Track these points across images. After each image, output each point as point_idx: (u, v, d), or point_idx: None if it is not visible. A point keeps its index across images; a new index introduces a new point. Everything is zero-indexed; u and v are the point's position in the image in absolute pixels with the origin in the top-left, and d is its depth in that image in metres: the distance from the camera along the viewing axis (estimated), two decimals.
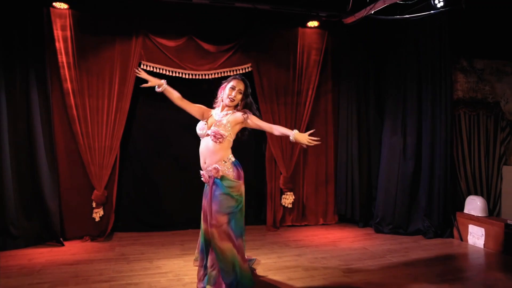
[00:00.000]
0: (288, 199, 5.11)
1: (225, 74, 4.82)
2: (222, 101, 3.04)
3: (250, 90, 3.08)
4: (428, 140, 4.70)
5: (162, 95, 4.94)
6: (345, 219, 5.41)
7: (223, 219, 2.85)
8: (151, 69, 4.59)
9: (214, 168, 2.86)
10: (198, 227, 4.93)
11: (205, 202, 3.03)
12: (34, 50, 4.24)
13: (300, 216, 5.29)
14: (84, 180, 4.50)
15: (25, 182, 4.26)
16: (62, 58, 4.32)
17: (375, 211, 5.11)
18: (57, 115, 4.42)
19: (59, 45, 4.30)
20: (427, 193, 4.72)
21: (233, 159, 2.95)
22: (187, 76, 4.70)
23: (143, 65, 4.57)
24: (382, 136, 5.14)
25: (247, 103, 3.03)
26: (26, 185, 4.26)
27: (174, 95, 2.99)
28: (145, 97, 4.90)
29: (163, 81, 2.97)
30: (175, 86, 4.83)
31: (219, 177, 2.87)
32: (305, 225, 5.29)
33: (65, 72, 4.33)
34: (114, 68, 4.49)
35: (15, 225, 4.17)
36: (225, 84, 3.07)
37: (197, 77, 4.74)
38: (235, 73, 4.86)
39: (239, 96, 2.99)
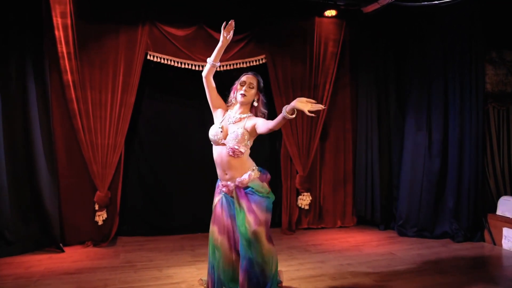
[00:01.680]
0: (305, 200, 4.77)
1: (238, 66, 4.49)
2: (236, 100, 2.73)
3: (263, 85, 2.75)
4: (456, 136, 4.38)
5: (169, 88, 4.67)
6: (364, 221, 5.07)
7: (268, 216, 2.63)
8: (158, 60, 4.25)
9: (244, 179, 2.61)
10: (209, 230, 4.68)
11: (221, 212, 2.72)
12: (31, 39, 3.89)
13: (317, 218, 4.96)
14: (86, 180, 4.15)
15: (21, 182, 3.91)
16: (62, 48, 3.95)
17: (398, 212, 4.79)
18: (56, 109, 4.06)
19: (59, 33, 3.93)
20: (455, 193, 4.39)
21: (256, 166, 2.72)
22: (196, 68, 4.36)
23: (150, 55, 4.23)
24: (405, 132, 4.81)
25: (263, 101, 2.74)
26: (22, 185, 3.92)
27: (212, 74, 2.72)
28: (151, 90, 4.58)
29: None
30: (183, 78, 4.59)
31: (248, 184, 2.61)
32: (322, 228, 4.96)
33: (65, 63, 3.97)
34: (118, 58, 4.14)
35: (11, 229, 3.81)
36: (236, 82, 2.78)
37: None
38: (248, 65, 4.53)
39: (252, 91, 2.67)
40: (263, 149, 4.84)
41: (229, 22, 2.55)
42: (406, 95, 4.86)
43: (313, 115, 2.23)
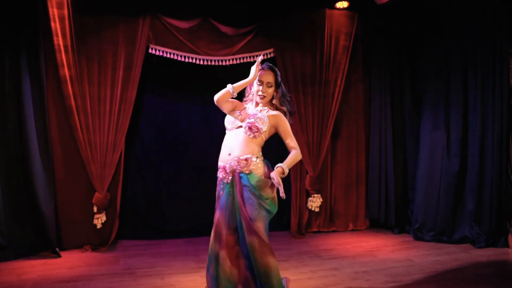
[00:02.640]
0: (315, 202, 4.52)
1: (244, 61, 4.26)
2: (254, 99, 2.54)
3: (280, 78, 2.54)
4: (477, 134, 4.11)
5: (172, 83, 4.44)
6: (377, 224, 4.81)
7: (261, 225, 2.32)
8: (161, 53, 4.02)
9: (245, 159, 2.33)
10: None
11: (217, 203, 2.46)
12: (26, 31, 3.67)
13: (328, 221, 4.71)
14: (84, 181, 3.93)
15: (15, 183, 3.70)
16: (59, 41, 3.72)
17: (414, 215, 4.52)
18: (52, 106, 3.84)
19: (55, 25, 3.71)
20: (476, 195, 4.12)
21: (262, 157, 2.45)
22: (201, 62, 4.12)
23: (151, 49, 3.99)
24: (421, 131, 4.55)
25: (281, 96, 2.50)
26: (16, 186, 3.70)
27: (225, 100, 2.48)
28: (153, 85, 4.35)
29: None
30: (187, 73, 4.35)
31: (247, 172, 2.32)
32: (333, 231, 4.71)
33: (62, 57, 3.74)
34: (118, 52, 3.90)
35: (4, 233, 3.60)
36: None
37: (212, 63, 4.16)
38: (255, 59, 4.25)
39: (270, 90, 2.47)
40: (271, 147, 4.56)
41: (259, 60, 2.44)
42: (422, 91, 4.59)
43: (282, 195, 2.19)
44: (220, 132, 4.59)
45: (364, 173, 4.81)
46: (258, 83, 2.45)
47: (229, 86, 2.43)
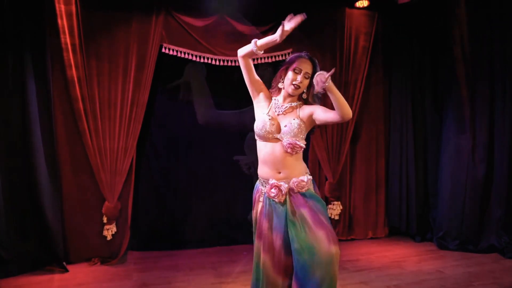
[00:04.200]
0: (335, 210, 4.31)
1: (262, 61, 4.05)
2: (284, 88, 2.26)
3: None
4: (505, 138, 3.95)
5: (186, 85, 4.21)
6: (397, 231, 4.62)
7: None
8: (174, 53, 3.78)
9: (306, 182, 2.22)
10: (229, 243, 4.21)
11: (265, 223, 2.23)
12: (31, 29, 3.41)
13: (347, 228, 4.50)
14: (93, 189, 3.68)
15: (19, 192, 3.44)
16: (66, 39, 3.47)
17: (437, 223, 4.34)
18: (59, 109, 3.59)
19: (62, 22, 3.46)
20: (504, 201, 3.96)
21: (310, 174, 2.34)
22: (216, 63, 3.90)
23: (165, 48, 3.76)
24: (443, 135, 4.37)
25: (314, 93, 2.25)
26: (20, 196, 3.44)
27: (250, 58, 2.26)
28: (165, 87, 4.08)
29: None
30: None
31: (305, 191, 2.22)
32: (352, 239, 4.51)
33: (69, 56, 3.49)
34: (130, 51, 3.66)
35: (6, 246, 3.33)
36: (285, 65, 2.29)
37: (228, 63, 3.93)
38: (273, 59, 4.08)
39: (306, 82, 2.23)
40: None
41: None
42: (444, 94, 4.41)
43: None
44: (237, 138, 4.35)
45: (383, 179, 4.61)
46: (296, 71, 2.19)
47: (252, 41, 2.13)
